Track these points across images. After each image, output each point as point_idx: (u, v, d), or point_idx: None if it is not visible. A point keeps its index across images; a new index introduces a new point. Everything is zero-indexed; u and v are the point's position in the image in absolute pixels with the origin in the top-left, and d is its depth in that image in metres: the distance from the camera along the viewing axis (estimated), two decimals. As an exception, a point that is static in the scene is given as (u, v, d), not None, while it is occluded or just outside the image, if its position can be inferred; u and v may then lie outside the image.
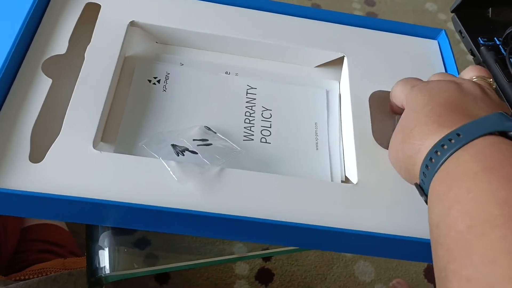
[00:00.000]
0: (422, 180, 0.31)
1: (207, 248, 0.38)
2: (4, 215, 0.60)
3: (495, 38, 0.52)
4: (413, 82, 0.37)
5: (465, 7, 0.55)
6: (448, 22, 0.55)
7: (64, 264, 0.61)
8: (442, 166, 0.29)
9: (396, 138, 0.35)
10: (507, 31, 0.50)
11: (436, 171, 0.29)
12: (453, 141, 0.29)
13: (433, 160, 0.30)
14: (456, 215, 0.26)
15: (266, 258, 0.92)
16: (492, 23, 0.54)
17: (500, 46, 0.51)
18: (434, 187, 0.29)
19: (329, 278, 0.95)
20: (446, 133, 0.30)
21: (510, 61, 0.48)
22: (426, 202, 0.31)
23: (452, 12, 0.56)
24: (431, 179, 0.30)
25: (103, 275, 0.34)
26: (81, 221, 0.35)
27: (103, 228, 0.37)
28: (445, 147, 0.29)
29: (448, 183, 0.28)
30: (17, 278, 0.55)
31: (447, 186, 0.28)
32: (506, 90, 0.47)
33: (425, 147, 0.31)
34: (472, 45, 0.51)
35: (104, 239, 0.36)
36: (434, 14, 1.41)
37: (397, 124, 0.35)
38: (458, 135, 0.29)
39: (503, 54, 0.50)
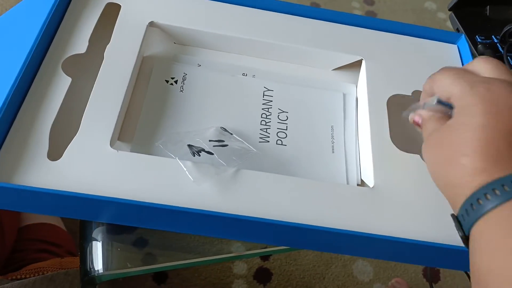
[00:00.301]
0: (462, 215, 0.29)
1: (205, 248, 0.38)
2: (1, 214, 0.60)
3: (492, 36, 0.52)
4: (470, 77, 0.31)
5: (462, 5, 0.54)
6: (448, 21, 0.55)
7: (61, 263, 0.61)
8: (490, 212, 0.26)
9: (438, 150, 0.31)
10: (505, 29, 0.50)
11: (482, 215, 0.27)
12: (507, 188, 0.26)
13: (480, 201, 0.27)
14: (505, 264, 0.25)
15: (264, 258, 0.92)
16: (490, 21, 0.54)
17: (497, 44, 0.51)
18: (479, 231, 0.27)
19: (328, 277, 0.94)
20: (501, 176, 0.27)
21: (508, 59, 0.48)
22: (462, 239, 0.29)
23: (449, 10, 0.56)
24: (475, 221, 0.27)
25: (96, 275, 0.34)
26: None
27: (97, 227, 0.37)
28: (498, 192, 0.26)
29: (497, 232, 0.26)
30: (14, 277, 0.55)
31: (495, 233, 0.26)
32: None
33: (474, 184, 0.28)
34: (470, 43, 0.51)
35: (98, 239, 0.36)
36: (433, 13, 1.40)
37: (444, 128, 0.31)
38: None
39: (500, 52, 0.50)
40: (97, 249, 0.35)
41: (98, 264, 0.35)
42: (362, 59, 0.45)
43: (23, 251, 0.64)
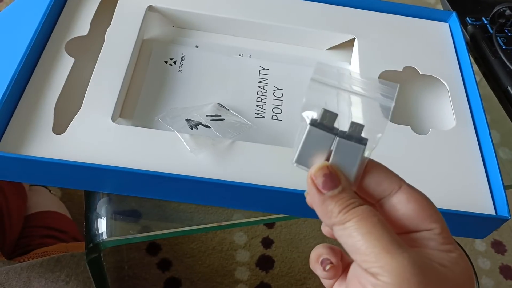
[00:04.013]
0: None
1: (207, 217, 0.39)
2: (8, 201, 0.62)
3: (483, 18, 0.53)
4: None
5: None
6: (438, 4, 0.56)
7: (66, 247, 0.63)
8: None
9: None
10: (495, 10, 0.52)
11: None
12: None
13: None
14: None
15: (267, 245, 0.93)
16: (480, 3, 0.56)
17: (487, 25, 0.53)
18: None
19: (330, 264, 0.95)
20: None
21: (497, 39, 0.50)
22: None
23: None
24: None
25: (100, 240, 0.36)
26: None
27: (101, 198, 0.38)
28: None
29: None
30: (21, 261, 0.57)
31: None
32: (493, 66, 0.49)
33: None
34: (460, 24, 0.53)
35: (102, 209, 0.38)
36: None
37: None
38: None
39: (490, 33, 0.52)
40: (101, 218, 0.37)
41: (102, 229, 0.36)
42: (355, 38, 0.47)
43: (29, 237, 0.66)
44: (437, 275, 0.22)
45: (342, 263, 0.26)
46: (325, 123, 0.23)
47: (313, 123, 0.23)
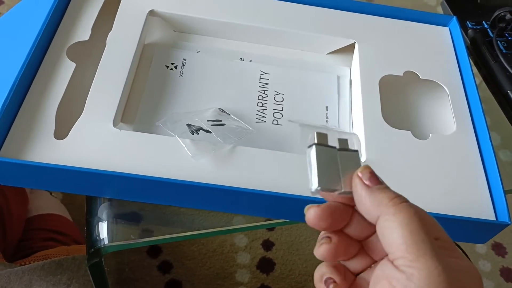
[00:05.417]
0: None
1: (207, 222, 0.39)
2: (10, 204, 0.63)
3: (483, 22, 0.54)
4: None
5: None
6: (438, 7, 0.57)
7: (68, 251, 0.63)
8: None
9: None
10: (495, 14, 0.52)
11: None
12: None
13: None
14: None
15: (267, 248, 0.93)
16: (481, 7, 0.56)
17: (488, 29, 0.53)
18: None
19: (330, 266, 0.94)
20: None
21: (497, 43, 0.50)
22: None
23: None
24: None
25: (102, 246, 0.36)
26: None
27: (102, 203, 0.38)
28: None
29: None
30: (23, 263, 0.57)
31: None
32: (493, 70, 0.50)
33: None
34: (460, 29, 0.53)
35: (103, 214, 0.38)
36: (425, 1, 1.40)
37: None
38: None
39: (491, 37, 0.52)
40: (103, 223, 0.37)
41: (103, 234, 0.36)
42: (355, 42, 0.47)
43: (30, 240, 0.66)
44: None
45: (347, 279, 0.26)
46: (323, 142, 0.26)
47: (316, 143, 0.26)
